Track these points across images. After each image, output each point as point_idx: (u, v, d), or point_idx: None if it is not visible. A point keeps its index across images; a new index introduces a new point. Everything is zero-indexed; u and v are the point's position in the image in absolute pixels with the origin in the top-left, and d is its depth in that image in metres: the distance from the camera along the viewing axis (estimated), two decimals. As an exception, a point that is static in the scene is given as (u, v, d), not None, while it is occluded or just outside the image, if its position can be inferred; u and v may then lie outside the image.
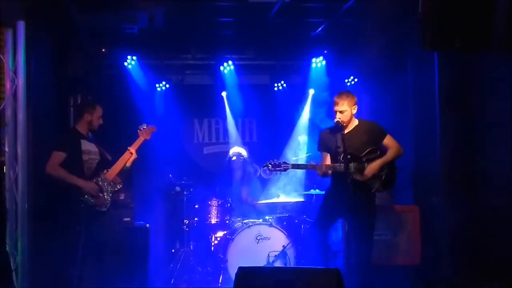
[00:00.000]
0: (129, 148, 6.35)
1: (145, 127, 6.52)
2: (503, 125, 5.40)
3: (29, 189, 5.89)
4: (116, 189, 6.27)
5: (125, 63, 8.74)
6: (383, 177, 6.01)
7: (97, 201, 6.03)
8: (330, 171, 5.90)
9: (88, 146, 6.20)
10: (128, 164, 6.37)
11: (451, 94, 6.34)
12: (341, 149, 5.81)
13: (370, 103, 8.99)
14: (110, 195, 6.16)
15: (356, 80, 9.07)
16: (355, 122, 6.03)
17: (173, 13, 7.38)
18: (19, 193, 5.75)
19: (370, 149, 5.98)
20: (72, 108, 8.45)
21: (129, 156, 6.33)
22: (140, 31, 7.96)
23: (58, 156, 6.01)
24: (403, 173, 7.58)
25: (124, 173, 6.47)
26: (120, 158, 6.30)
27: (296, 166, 6.12)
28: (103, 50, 8.55)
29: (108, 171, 6.23)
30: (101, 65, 8.78)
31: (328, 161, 6.05)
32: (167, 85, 9.33)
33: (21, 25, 5.78)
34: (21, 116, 5.80)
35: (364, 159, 5.93)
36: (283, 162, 5.97)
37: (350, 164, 5.79)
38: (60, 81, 7.49)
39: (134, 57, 8.74)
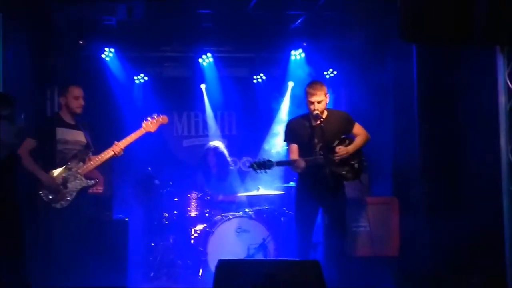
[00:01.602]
0: (115, 143, 6.04)
1: (155, 116, 6.24)
2: (482, 117, 5.44)
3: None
4: (87, 185, 5.98)
5: (103, 55, 8.67)
6: (355, 165, 6.03)
7: (55, 197, 5.80)
8: (304, 166, 5.84)
9: (66, 134, 5.96)
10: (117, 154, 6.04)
11: (430, 86, 6.37)
12: (316, 141, 5.82)
13: (349, 95, 9.02)
14: (76, 191, 5.88)
15: (335, 72, 9.09)
16: (325, 112, 6.01)
17: (152, 4, 7.33)
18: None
19: (341, 138, 6.00)
20: (49, 101, 8.36)
21: (112, 153, 6.01)
22: (118, 23, 7.90)
23: (28, 142, 5.80)
24: (382, 165, 7.65)
25: (104, 167, 6.32)
26: (102, 153, 6.04)
27: (280, 164, 6.05)
28: (81, 42, 8.47)
29: (83, 165, 5.99)
30: (79, 57, 8.68)
31: (295, 153, 6.00)
32: (146, 78, 9.28)
33: (-3, 17, 5.72)
34: (-3, 108, 5.73)
35: (336, 149, 5.92)
36: (268, 160, 5.89)
37: (327, 156, 5.79)
38: (37, 73, 7.40)
39: (112, 49, 8.66)
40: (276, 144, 8.60)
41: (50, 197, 5.81)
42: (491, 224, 5.07)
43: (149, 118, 6.24)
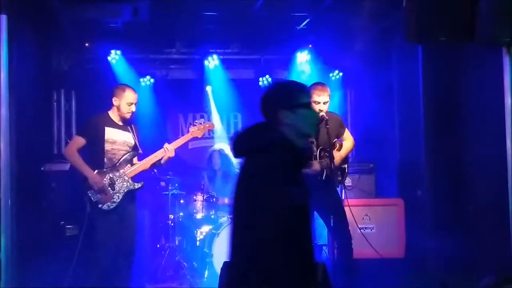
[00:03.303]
0: (166, 145, 5.99)
1: (202, 122, 6.20)
2: (488, 118, 5.42)
3: (12, 185, 5.83)
4: (134, 188, 5.89)
5: (109, 58, 8.68)
6: (345, 169, 6.04)
7: (102, 198, 5.73)
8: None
9: (114, 134, 5.89)
10: (162, 162, 5.98)
11: (435, 87, 6.36)
12: (315, 144, 5.82)
13: (354, 96, 9.00)
14: (123, 193, 5.80)
15: (341, 74, 9.08)
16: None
17: (157, 6, 7.34)
18: (1, 189, 5.68)
19: (334, 141, 6.00)
20: (55, 103, 8.38)
21: (163, 154, 5.93)
22: (124, 25, 7.91)
23: (77, 140, 5.85)
24: (388, 166, 7.63)
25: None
26: (150, 156, 5.96)
27: None
28: (87, 44, 8.49)
29: (131, 166, 5.91)
30: (85, 59, 8.71)
31: None
32: (152, 80, 9.29)
33: (3, 19, 5.70)
34: (3, 111, 5.72)
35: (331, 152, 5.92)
36: None
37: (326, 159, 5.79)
38: (43, 75, 7.43)
39: (118, 52, 8.67)
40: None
41: (98, 197, 5.75)
42: (497, 226, 5.05)
43: (196, 123, 6.23)
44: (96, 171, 5.80)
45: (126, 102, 5.92)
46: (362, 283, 6.13)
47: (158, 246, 8.09)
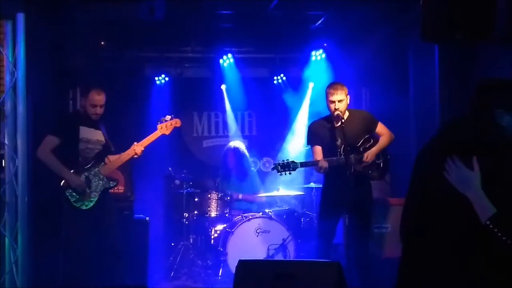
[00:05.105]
0: (135, 144, 5.97)
1: (168, 119, 6.14)
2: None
3: (29, 182, 5.87)
4: (109, 186, 5.93)
5: (125, 56, 8.71)
6: (381, 164, 6.02)
7: (80, 197, 5.76)
8: (327, 166, 5.82)
9: (88, 133, 5.91)
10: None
11: (451, 86, 6.32)
12: (339, 142, 5.80)
13: (370, 95, 8.97)
14: (99, 192, 5.84)
15: (356, 72, 9.04)
16: (347, 112, 6.00)
17: (173, 5, 7.35)
18: (19, 186, 5.73)
19: (364, 138, 5.98)
20: (71, 101, 8.41)
21: (133, 153, 5.95)
22: (140, 23, 7.92)
23: (50, 140, 5.79)
24: (404, 164, 7.59)
25: (125, 166, 6.28)
26: (123, 154, 5.97)
27: (304, 164, 6.02)
28: (102, 43, 8.52)
29: (105, 165, 5.94)
30: (100, 57, 8.75)
31: (320, 154, 5.98)
32: (166, 78, 9.32)
33: (20, 17, 5.76)
34: (20, 109, 5.77)
35: (361, 149, 5.93)
36: (292, 161, 5.89)
37: (350, 156, 5.77)
38: (59, 73, 7.45)
39: (134, 50, 8.70)
40: (297, 145, 8.59)
41: (76, 197, 5.77)
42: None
43: (163, 120, 6.15)
44: (72, 171, 5.80)
45: (90, 103, 5.91)
46: (377, 282, 6.11)
47: (173, 244, 8.12)
